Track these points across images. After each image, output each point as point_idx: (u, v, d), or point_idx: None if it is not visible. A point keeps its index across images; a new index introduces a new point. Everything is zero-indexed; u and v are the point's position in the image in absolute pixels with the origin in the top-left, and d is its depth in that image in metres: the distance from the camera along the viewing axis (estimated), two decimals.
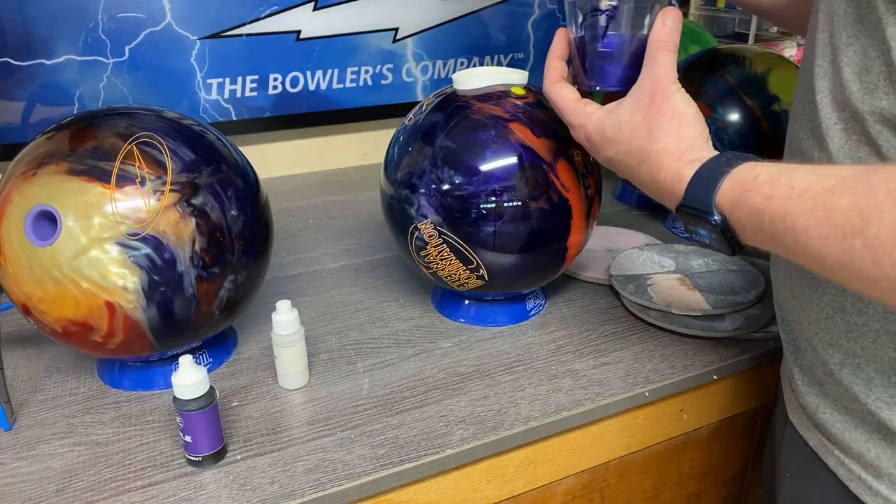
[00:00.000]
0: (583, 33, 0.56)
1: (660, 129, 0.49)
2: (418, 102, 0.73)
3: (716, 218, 0.44)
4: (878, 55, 0.42)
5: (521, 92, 0.68)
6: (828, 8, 0.47)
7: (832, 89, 0.46)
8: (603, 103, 0.56)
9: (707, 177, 0.45)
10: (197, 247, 0.58)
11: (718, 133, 0.87)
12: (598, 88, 0.57)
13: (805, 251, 0.38)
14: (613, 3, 0.53)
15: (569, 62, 0.60)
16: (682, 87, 0.51)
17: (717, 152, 0.47)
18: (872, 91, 0.43)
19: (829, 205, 0.36)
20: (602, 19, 0.54)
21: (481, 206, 0.64)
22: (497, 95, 0.67)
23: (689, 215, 0.46)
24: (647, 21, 0.53)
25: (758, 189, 0.41)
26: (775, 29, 1.52)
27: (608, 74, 0.56)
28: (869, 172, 0.35)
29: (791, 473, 0.57)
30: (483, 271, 0.68)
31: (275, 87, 1.15)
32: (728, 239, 0.45)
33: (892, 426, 0.46)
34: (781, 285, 0.55)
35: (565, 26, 0.59)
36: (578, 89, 0.58)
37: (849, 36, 0.44)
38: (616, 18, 0.54)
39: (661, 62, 0.51)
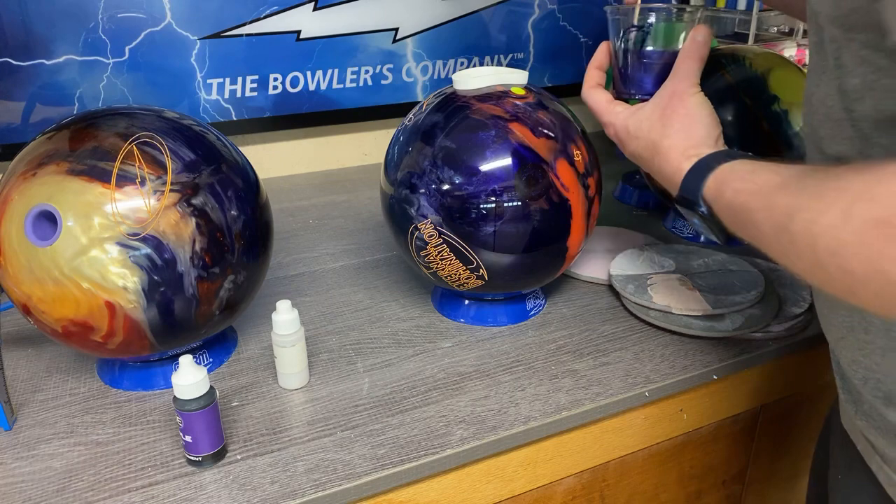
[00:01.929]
0: (622, 46, 0.63)
1: (671, 126, 0.55)
2: (418, 102, 0.73)
3: (703, 209, 0.49)
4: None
5: (521, 92, 0.68)
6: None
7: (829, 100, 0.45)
8: None
9: (699, 170, 0.50)
10: (197, 247, 0.58)
11: None
12: (637, 96, 0.64)
13: (762, 245, 0.41)
14: (650, 21, 0.60)
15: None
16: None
17: (720, 150, 0.51)
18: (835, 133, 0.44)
19: (772, 202, 0.39)
20: (639, 35, 0.61)
21: (481, 206, 0.64)
22: (497, 95, 0.67)
23: (684, 205, 0.52)
24: (681, 37, 0.60)
25: (730, 184, 0.45)
26: (775, 29, 1.52)
27: (644, 83, 0.63)
28: (808, 172, 0.37)
29: (842, 475, 0.57)
30: (483, 271, 0.68)
31: (275, 87, 1.15)
32: (717, 228, 0.50)
33: None
34: (816, 296, 0.56)
35: (607, 39, 0.66)
36: (617, 96, 0.64)
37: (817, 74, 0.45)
38: (651, 34, 0.61)
39: (685, 70, 0.57)
